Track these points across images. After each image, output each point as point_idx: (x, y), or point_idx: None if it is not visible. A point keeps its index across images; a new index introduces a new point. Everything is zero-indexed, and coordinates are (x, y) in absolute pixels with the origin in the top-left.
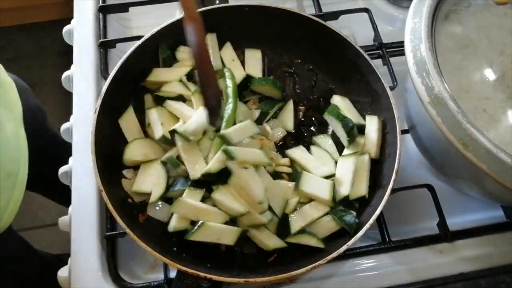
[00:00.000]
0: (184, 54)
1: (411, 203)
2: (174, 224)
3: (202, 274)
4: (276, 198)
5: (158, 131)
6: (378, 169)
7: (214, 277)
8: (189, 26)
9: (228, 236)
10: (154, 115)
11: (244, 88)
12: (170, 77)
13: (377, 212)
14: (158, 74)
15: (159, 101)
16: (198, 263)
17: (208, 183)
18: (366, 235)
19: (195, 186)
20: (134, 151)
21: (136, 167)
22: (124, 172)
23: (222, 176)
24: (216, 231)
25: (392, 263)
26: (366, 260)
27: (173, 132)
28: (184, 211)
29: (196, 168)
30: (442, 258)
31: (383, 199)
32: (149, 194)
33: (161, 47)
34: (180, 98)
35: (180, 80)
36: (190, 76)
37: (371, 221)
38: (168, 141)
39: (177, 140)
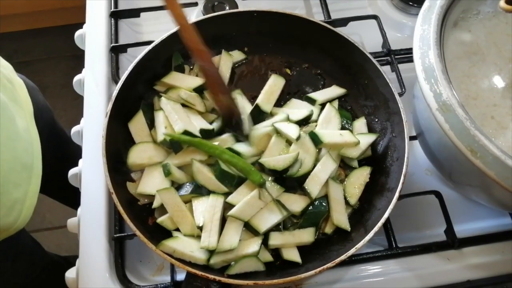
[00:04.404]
0: None
1: (419, 210)
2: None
3: (211, 277)
4: None
5: (161, 134)
6: (386, 173)
7: (223, 279)
8: (195, 56)
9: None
10: (160, 117)
11: None
12: (185, 85)
13: (386, 215)
14: (175, 78)
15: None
16: (207, 265)
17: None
18: (373, 241)
19: (200, 193)
20: (139, 154)
21: (143, 170)
22: (132, 174)
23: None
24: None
25: (398, 269)
26: (373, 266)
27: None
28: (167, 200)
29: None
30: (450, 265)
31: (391, 202)
32: (153, 196)
33: (175, 55)
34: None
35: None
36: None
37: (379, 224)
38: (169, 145)
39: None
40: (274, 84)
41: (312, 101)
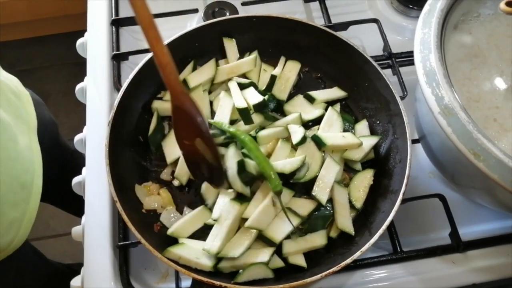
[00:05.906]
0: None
1: (423, 213)
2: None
3: (217, 283)
4: None
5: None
6: (389, 175)
7: (229, 286)
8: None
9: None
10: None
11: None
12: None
13: (390, 217)
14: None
15: None
16: (212, 272)
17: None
18: (378, 246)
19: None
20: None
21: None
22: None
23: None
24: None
25: (403, 273)
26: (378, 271)
27: None
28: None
29: None
30: (455, 269)
31: (395, 204)
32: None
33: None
34: None
35: None
36: None
37: (384, 226)
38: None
39: None
40: (289, 70)
41: (311, 100)
